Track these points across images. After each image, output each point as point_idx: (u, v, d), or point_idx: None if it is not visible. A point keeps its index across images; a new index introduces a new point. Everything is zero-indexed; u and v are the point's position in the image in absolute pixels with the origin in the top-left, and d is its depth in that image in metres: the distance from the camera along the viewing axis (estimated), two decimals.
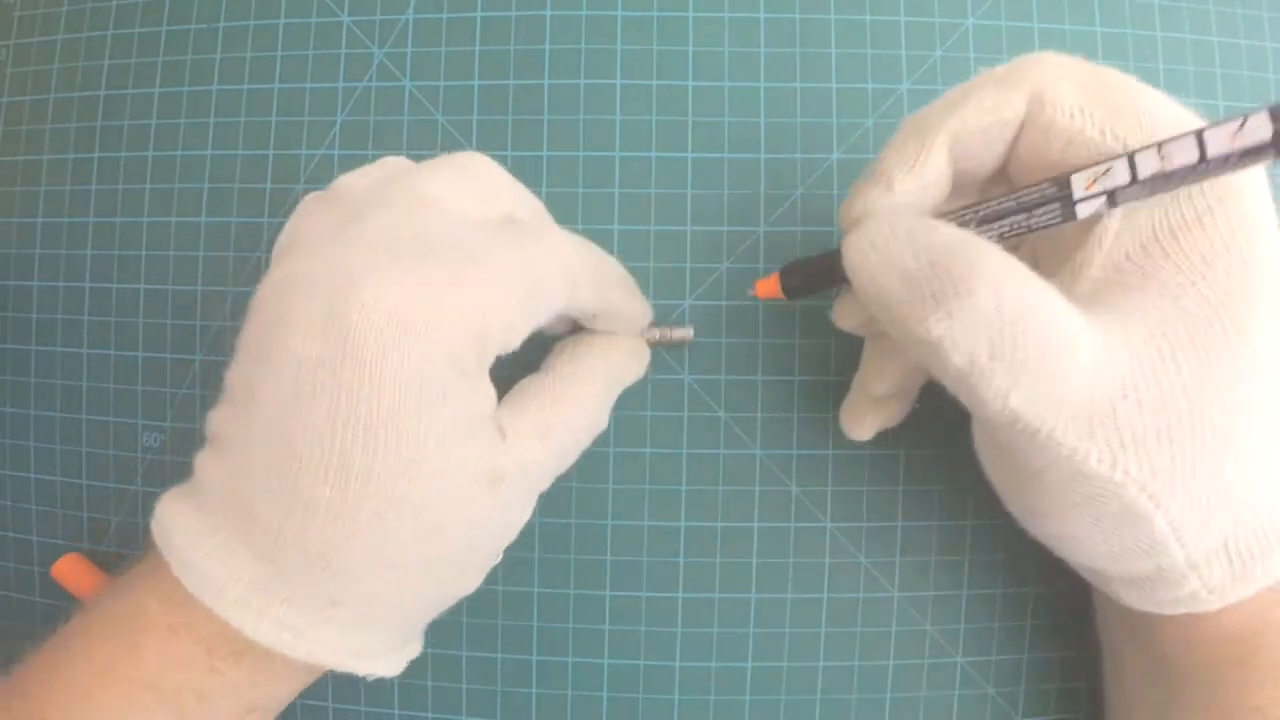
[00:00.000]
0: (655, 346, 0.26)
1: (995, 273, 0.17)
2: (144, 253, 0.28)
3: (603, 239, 0.27)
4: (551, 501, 0.27)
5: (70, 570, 0.27)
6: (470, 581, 0.21)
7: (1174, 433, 0.17)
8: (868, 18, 0.27)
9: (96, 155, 0.29)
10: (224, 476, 0.19)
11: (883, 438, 0.26)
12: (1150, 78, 0.27)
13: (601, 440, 0.27)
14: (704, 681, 0.27)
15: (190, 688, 0.19)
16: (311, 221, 0.21)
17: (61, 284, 0.29)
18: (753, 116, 0.27)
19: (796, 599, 0.27)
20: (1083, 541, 0.19)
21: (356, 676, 0.20)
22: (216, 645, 0.19)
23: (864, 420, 0.24)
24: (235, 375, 0.20)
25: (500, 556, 0.22)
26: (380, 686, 0.27)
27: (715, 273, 0.27)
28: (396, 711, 0.27)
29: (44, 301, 0.29)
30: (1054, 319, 0.17)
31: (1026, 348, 0.17)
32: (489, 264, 0.19)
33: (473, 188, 0.21)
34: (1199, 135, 0.17)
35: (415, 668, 0.27)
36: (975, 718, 0.26)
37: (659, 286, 0.27)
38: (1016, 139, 0.20)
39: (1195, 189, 0.18)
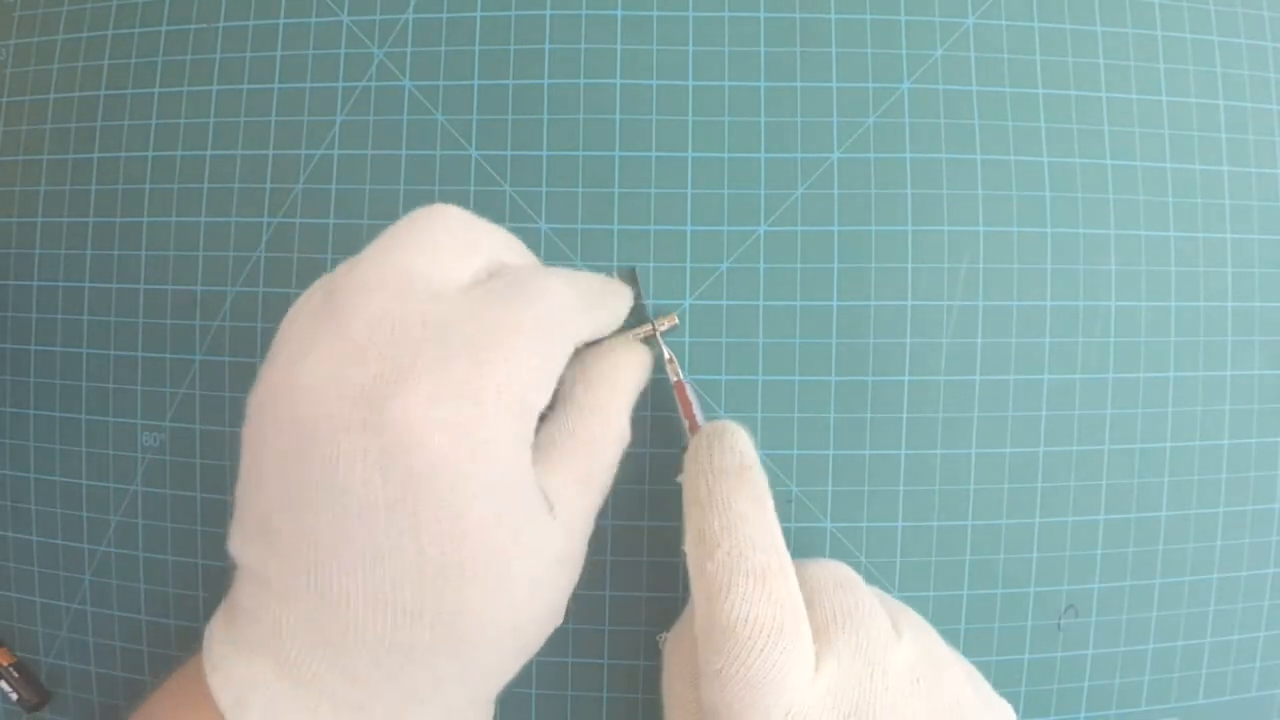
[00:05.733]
0: (649, 340, 0.26)
1: None
2: (144, 253, 0.28)
3: (603, 239, 0.27)
4: None
5: None
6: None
7: None
8: (868, 16, 0.27)
9: (96, 155, 0.29)
10: (301, 631, 0.18)
11: (883, 438, 0.26)
12: (1151, 77, 0.27)
13: None
14: None
15: None
16: (303, 321, 0.19)
17: (61, 284, 0.29)
18: (753, 116, 0.27)
19: None
20: None
21: None
22: None
23: None
24: (268, 508, 0.18)
25: None
26: None
27: (715, 273, 0.27)
28: None
29: (44, 301, 0.29)
30: None
31: None
32: (509, 345, 0.18)
33: (452, 245, 0.20)
34: None
35: None
36: None
37: (659, 286, 0.27)
38: None
39: None
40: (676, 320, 0.26)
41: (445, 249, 0.19)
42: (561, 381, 0.21)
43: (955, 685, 0.20)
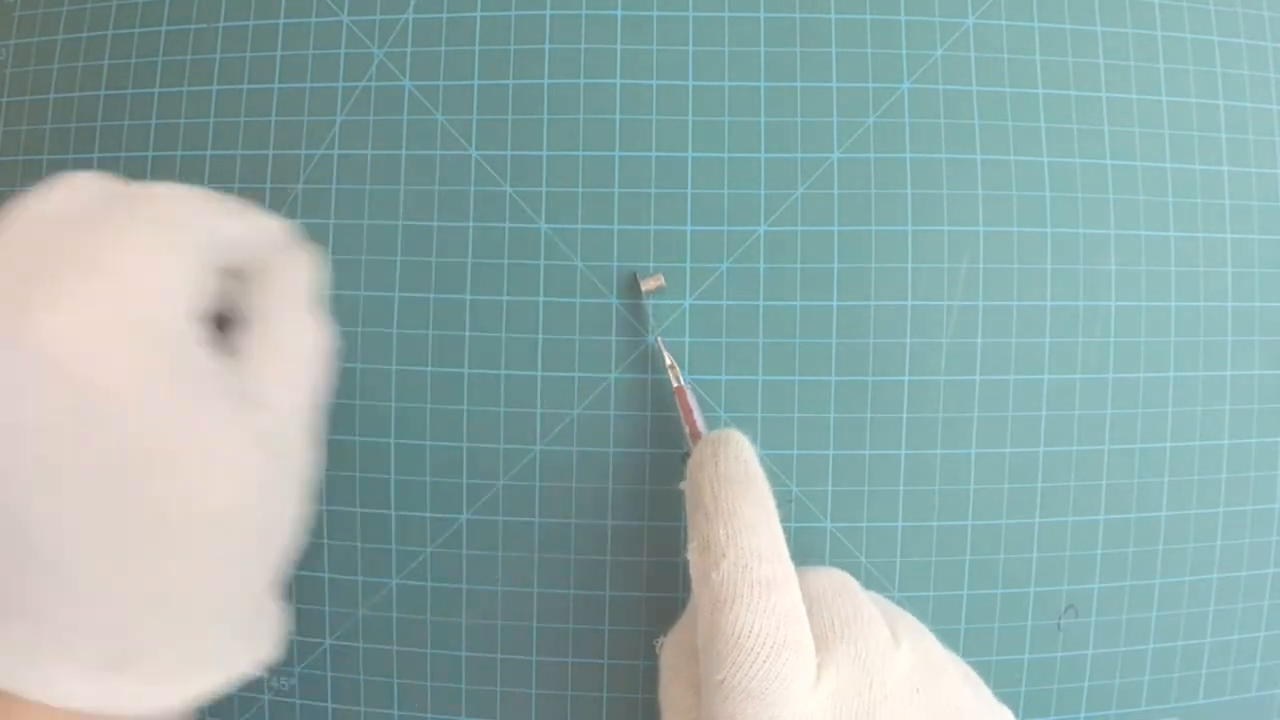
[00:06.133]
0: (645, 299, 0.26)
1: None
2: None
3: (603, 239, 0.27)
4: (551, 501, 0.27)
5: None
6: (280, 545, 0.21)
7: None
8: (868, 17, 0.27)
9: (96, 155, 0.29)
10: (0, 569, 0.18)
11: (883, 438, 0.26)
12: (1151, 77, 0.27)
13: (601, 440, 0.27)
14: None
15: None
16: None
17: None
18: (753, 116, 0.27)
19: None
20: None
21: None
22: None
23: None
24: None
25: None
26: (380, 686, 0.27)
27: (715, 273, 0.27)
28: (396, 712, 0.27)
29: None
30: None
31: None
32: (128, 236, 0.19)
33: (70, 188, 0.20)
34: None
35: (415, 667, 0.27)
36: None
37: None
38: None
39: None
40: (663, 280, 0.26)
41: (63, 193, 0.20)
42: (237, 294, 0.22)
43: (955, 691, 0.20)
